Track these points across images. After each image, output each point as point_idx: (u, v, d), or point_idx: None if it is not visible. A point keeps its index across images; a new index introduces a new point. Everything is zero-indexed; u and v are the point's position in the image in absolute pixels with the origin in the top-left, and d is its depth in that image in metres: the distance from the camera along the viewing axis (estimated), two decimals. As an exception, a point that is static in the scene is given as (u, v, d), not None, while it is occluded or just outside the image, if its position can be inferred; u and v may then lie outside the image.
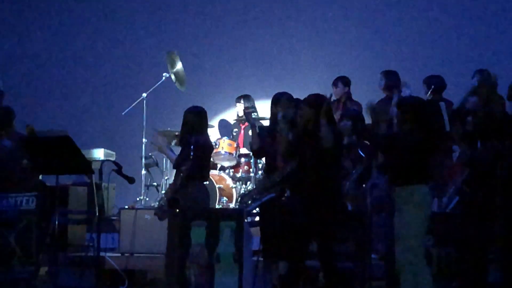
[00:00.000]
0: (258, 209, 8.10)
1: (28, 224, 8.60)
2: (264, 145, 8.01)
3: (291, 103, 7.80)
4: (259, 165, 10.25)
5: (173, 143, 10.36)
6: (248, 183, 10.48)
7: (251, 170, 10.43)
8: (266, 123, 9.16)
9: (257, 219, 8.70)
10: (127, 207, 9.93)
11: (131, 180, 7.83)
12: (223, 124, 11.73)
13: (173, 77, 11.12)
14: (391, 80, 9.80)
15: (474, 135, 7.76)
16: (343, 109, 10.08)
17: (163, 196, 8.21)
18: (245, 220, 7.80)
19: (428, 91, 9.55)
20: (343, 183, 8.14)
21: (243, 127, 10.96)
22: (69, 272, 8.58)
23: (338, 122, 8.38)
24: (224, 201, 10.35)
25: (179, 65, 11.17)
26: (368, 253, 7.81)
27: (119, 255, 9.01)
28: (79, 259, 8.67)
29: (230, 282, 7.32)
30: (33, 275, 8.51)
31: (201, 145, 7.77)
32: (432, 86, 9.56)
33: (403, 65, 11.12)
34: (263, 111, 10.54)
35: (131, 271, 8.82)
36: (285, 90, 8.27)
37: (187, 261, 7.43)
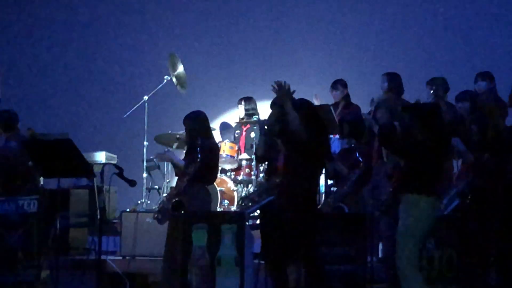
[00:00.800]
0: (258, 211, 8.09)
1: (30, 227, 8.62)
2: (268, 155, 7.90)
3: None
4: (261, 168, 10.22)
5: (174, 146, 10.37)
6: (249, 185, 10.47)
7: (252, 172, 10.41)
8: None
9: (258, 222, 8.70)
10: (128, 210, 9.93)
11: (132, 183, 7.82)
12: (225, 126, 11.73)
13: (174, 79, 11.11)
14: (394, 82, 9.78)
15: (480, 148, 7.75)
16: (344, 112, 10.09)
17: (164, 199, 8.22)
18: (247, 223, 7.80)
19: (431, 93, 9.53)
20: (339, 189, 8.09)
21: (245, 129, 10.95)
22: (71, 275, 8.58)
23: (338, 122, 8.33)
24: (225, 204, 10.33)
25: (180, 68, 11.16)
26: (370, 255, 7.80)
27: (120, 258, 9.02)
28: (81, 262, 8.68)
29: (231, 285, 7.30)
30: (36, 278, 8.52)
31: (207, 148, 7.78)
32: (435, 88, 9.53)
33: (404, 66, 11.10)
34: (265, 113, 10.52)
35: (132, 274, 8.83)
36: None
37: (188, 264, 7.42)
